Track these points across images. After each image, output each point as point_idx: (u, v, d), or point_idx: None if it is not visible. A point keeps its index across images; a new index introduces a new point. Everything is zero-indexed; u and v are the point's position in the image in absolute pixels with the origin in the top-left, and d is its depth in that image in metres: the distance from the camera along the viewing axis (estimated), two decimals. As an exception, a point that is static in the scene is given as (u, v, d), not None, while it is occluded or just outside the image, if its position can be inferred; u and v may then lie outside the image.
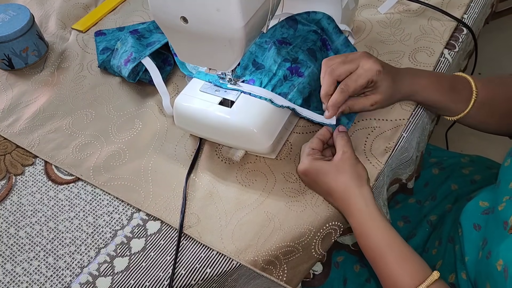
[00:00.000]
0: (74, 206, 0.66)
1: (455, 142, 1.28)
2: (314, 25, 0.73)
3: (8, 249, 0.63)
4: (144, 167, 0.69)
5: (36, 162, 0.72)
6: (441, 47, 0.79)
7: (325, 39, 0.72)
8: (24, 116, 0.78)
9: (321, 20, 0.73)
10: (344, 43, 0.73)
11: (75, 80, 0.83)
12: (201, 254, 0.59)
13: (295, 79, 0.67)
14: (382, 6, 0.87)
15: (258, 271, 0.58)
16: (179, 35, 0.58)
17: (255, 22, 0.56)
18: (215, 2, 0.51)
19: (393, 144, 0.67)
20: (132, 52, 0.76)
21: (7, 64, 0.85)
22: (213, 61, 0.61)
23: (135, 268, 0.59)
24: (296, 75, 0.67)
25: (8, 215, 0.66)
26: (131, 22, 0.92)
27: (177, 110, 0.66)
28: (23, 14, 0.83)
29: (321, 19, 0.73)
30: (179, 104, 0.66)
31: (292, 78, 0.67)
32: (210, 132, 0.65)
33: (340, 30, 0.73)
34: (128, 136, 0.73)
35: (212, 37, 0.55)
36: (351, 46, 0.73)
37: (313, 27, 0.72)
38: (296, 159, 0.67)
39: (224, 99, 0.65)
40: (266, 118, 0.63)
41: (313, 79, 0.67)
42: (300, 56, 0.69)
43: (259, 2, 0.54)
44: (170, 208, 0.64)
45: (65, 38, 0.92)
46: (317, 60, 0.70)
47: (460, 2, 0.86)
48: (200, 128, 0.66)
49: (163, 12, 0.56)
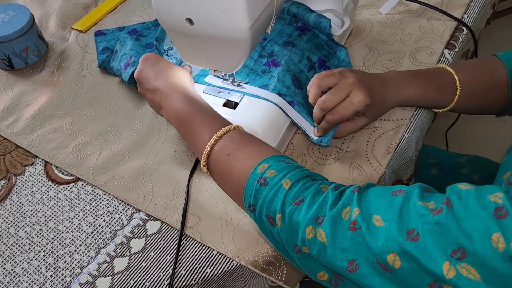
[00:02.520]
0: (74, 206, 0.66)
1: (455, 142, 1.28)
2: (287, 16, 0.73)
3: (8, 249, 0.63)
4: (144, 167, 0.69)
5: (36, 162, 0.72)
6: (442, 47, 0.79)
7: (302, 26, 0.73)
8: (24, 116, 0.78)
9: (291, 7, 0.74)
10: (316, 20, 0.73)
11: (75, 80, 0.83)
12: (201, 254, 0.59)
13: (273, 70, 0.67)
14: (383, 7, 0.87)
15: (258, 272, 0.58)
16: (184, 37, 0.58)
17: (260, 23, 0.56)
18: (221, 4, 0.51)
19: (395, 145, 0.67)
20: (132, 56, 0.76)
21: (7, 64, 0.85)
22: (217, 63, 0.61)
23: (135, 268, 0.59)
24: (273, 66, 0.68)
25: (8, 215, 0.66)
26: (131, 22, 0.92)
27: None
28: (23, 14, 0.83)
29: (290, 6, 0.74)
30: None
31: (270, 70, 0.68)
32: None
33: (310, 10, 0.73)
34: (128, 136, 0.73)
35: (217, 38, 0.55)
36: (323, 17, 0.73)
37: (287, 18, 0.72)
38: (297, 160, 0.67)
39: (228, 101, 0.65)
40: (270, 119, 0.63)
41: (292, 63, 0.68)
42: (276, 49, 0.70)
43: (264, 3, 0.54)
44: (170, 208, 0.64)
45: (65, 38, 0.92)
46: (295, 46, 0.71)
47: (460, 2, 0.86)
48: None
49: (168, 14, 0.55)
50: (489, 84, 0.67)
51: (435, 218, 0.39)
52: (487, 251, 0.36)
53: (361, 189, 0.45)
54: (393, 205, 0.42)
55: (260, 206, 0.49)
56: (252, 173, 0.50)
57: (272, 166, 0.50)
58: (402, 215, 0.41)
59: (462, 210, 0.38)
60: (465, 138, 1.50)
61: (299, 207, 0.46)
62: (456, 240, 0.38)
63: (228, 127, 0.55)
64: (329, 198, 0.45)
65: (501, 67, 0.66)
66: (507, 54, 0.68)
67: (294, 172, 0.49)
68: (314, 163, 0.66)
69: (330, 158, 0.66)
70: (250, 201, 0.50)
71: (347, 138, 0.68)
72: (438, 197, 0.41)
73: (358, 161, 0.65)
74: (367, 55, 0.79)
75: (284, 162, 0.51)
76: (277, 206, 0.47)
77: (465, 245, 0.37)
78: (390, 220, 0.41)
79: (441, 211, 0.39)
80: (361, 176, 0.64)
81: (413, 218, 0.40)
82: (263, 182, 0.49)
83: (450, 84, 0.66)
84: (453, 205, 0.39)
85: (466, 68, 0.68)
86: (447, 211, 0.39)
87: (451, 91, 0.66)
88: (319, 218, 0.45)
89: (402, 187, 0.44)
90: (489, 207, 0.37)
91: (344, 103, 0.60)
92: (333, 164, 0.66)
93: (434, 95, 0.66)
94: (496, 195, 0.38)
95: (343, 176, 0.64)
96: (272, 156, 0.52)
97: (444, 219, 0.38)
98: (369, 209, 0.43)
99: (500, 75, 0.66)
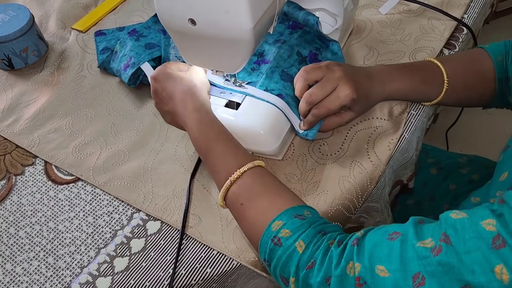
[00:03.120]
0: (74, 206, 0.66)
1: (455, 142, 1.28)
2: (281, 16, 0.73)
3: (8, 249, 0.63)
4: (144, 167, 0.68)
5: (36, 162, 0.72)
6: (441, 47, 0.79)
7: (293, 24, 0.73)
8: (24, 116, 0.78)
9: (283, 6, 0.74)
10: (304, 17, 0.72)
11: (75, 80, 0.83)
12: (202, 254, 0.59)
13: (263, 67, 0.68)
14: (383, 7, 0.87)
15: (258, 271, 0.58)
16: (186, 37, 0.58)
17: (263, 23, 0.56)
18: (224, 4, 0.51)
19: (396, 141, 0.67)
20: (132, 57, 0.76)
21: (7, 64, 0.85)
22: (220, 63, 0.61)
23: (135, 268, 0.59)
24: (263, 63, 0.68)
25: (8, 215, 0.66)
26: (131, 22, 0.92)
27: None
28: (23, 14, 0.83)
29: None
30: None
31: (259, 68, 0.68)
32: None
33: (300, 8, 0.73)
34: (128, 136, 0.73)
35: (220, 39, 0.55)
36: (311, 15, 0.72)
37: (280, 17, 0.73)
38: (298, 160, 0.67)
39: (229, 101, 0.65)
40: (272, 119, 0.63)
41: (282, 59, 0.68)
42: (266, 48, 0.70)
43: (267, 4, 0.54)
44: (170, 208, 0.64)
45: (65, 38, 0.92)
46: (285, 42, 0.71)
47: (460, 2, 0.86)
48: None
49: (170, 15, 0.55)
50: (476, 77, 0.67)
51: (437, 259, 0.39)
52: (492, 284, 0.36)
53: (359, 239, 0.45)
54: (392, 252, 0.42)
55: (275, 265, 0.49)
56: (266, 230, 0.49)
57: (286, 224, 0.49)
58: (404, 261, 0.41)
59: (461, 244, 0.38)
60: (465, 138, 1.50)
61: (311, 270, 0.46)
62: (461, 277, 0.37)
63: (241, 170, 0.53)
64: (333, 257, 0.45)
65: (488, 59, 0.67)
66: (493, 46, 0.68)
67: (308, 232, 0.48)
68: (315, 163, 0.66)
69: (331, 158, 0.66)
70: (265, 257, 0.50)
71: (347, 138, 0.68)
72: (434, 230, 0.41)
73: (358, 159, 0.65)
74: (367, 54, 0.79)
75: (298, 218, 0.49)
76: (291, 270, 0.47)
77: (470, 281, 0.37)
78: (394, 270, 0.41)
79: (440, 250, 0.39)
80: (361, 174, 0.64)
81: (415, 262, 0.40)
82: (277, 242, 0.48)
83: (437, 77, 0.66)
84: (451, 239, 0.38)
85: (454, 61, 0.68)
86: (447, 248, 0.38)
87: (438, 84, 0.66)
88: (328, 279, 0.45)
89: (396, 228, 0.44)
90: (486, 238, 0.37)
91: (331, 97, 0.60)
92: (333, 164, 0.66)
93: (421, 88, 0.66)
94: (489, 222, 0.37)
95: (344, 175, 0.64)
96: (287, 211, 0.50)
97: (445, 258, 0.38)
98: (370, 261, 0.43)
99: (487, 67, 0.67)
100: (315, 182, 0.64)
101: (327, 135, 0.68)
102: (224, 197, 0.55)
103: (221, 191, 0.54)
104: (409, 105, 0.71)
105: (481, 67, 0.67)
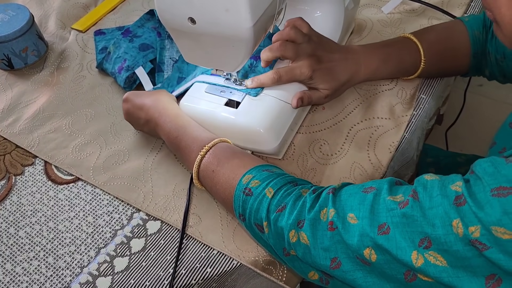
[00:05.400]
0: (74, 206, 0.66)
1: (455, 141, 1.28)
2: None
3: (8, 249, 0.63)
4: (144, 167, 0.68)
5: (36, 162, 0.72)
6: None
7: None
8: (24, 116, 0.78)
9: None
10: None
11: (74, 80, 0.83)
12: (202, 253, 0.59)
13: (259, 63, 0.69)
14: (385, 6, 0.87)
15: (258, 271, 0.58)
16: (186, 36, 0.58)
17: (263, 22, 0.56)
18: (224, 3, 0.51)
19: (397, 143, 0.66)
20: (126, 59, 0.76)
21: (6, 64, 0.85)
22: (220, 62, 0.61)
23: (135, 268, 0.59)
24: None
25: (8, 215, 0.66)
26: (130, 22, 0.91)
27: (183, 111, 0.66)
28: (22, 14, 0.83)
29: None
30: (184, 106, 0.66)
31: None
32: (216, 133, 0.65)
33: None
34: (128, 136, 0.73)
35: (220, 37, 0.55)
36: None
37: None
38: (299, 159, 0.67)
39: (229, 100, 0.65)
40: (272, 118, 0.63)
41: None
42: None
43: (267, 2, 0.54)
44: (170, 208, 0.63)
45: (64, 38, 0.91)
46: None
47: (461, 1, 0.86)
48: (206, 129, 0.66)
49: (170, 13, 0.55)
50: (451, 53, 0.69)
51: (402, 211, 0.41)
52: (449, 237, 0.38)
53: (336, 189, 0.48)
54: (364, 202, 0.44)
55: (249, 215, 0.52)
56: (238, 185, 0.53)
57: (255, 176, 0.53)
58: (373, 211, 0.43)
59: (427, 200, 0.40)
60: (465, 138, 1.50)
61: (281, 213, 0.49)
62: (422, 230, 0.40)
63: (209, 144, 0.59)
64: (307, 202, 0.48)
65: (465, 34, 0.68)
66: (472, 19, 0.69)
67: (276, 180, 0.52)
68: (315, 163, 0.66)
69: (332, 158, 0.66)
70: (239, 211, 0.53)
71: (348, 137, 0.68)
72: (406, 189, 0.43)
73: (359, 161, 0.65)
74: (367, 54, 0.79)
75: (267, 171, 0.53)
76: (262, 214, 0.50)
77: (430, 233, 0.39)
78: (362, 217, 0.43)
79: (407, 203, 0.41)
80: (362, 176, 0.64)
81: (383, 213, 0.42)
82: (248, 193, 0.52)
83: (414, 54, 0.68)
84: (419, 196, 0.41)
85: (430, 35, 0.69)
86: (413, 203, 0.41)
87: (415, 61, 0.68)
88: (300, 222, 0.47)
89: (373, 183, 0.46)
90: (450, 196, 0.39)
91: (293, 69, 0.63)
92: (334, 164, 0.66)
93: (398, 67, 0.69)
94: (457, 184, 0.40)
95: (344, 176, 0.64)
96: (255, 166, 0.55)
97: (410, 211, 0.41)
98: (343, 209, 0.45)
99: (463, 43, 0.68)
100: (316, 182, 0.64)
101: (341, 142, 0.68)
102: (197, 174, 0.59)
103: (194, 166, 0.58)
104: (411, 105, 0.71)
105: (456, 44, 0.69)
